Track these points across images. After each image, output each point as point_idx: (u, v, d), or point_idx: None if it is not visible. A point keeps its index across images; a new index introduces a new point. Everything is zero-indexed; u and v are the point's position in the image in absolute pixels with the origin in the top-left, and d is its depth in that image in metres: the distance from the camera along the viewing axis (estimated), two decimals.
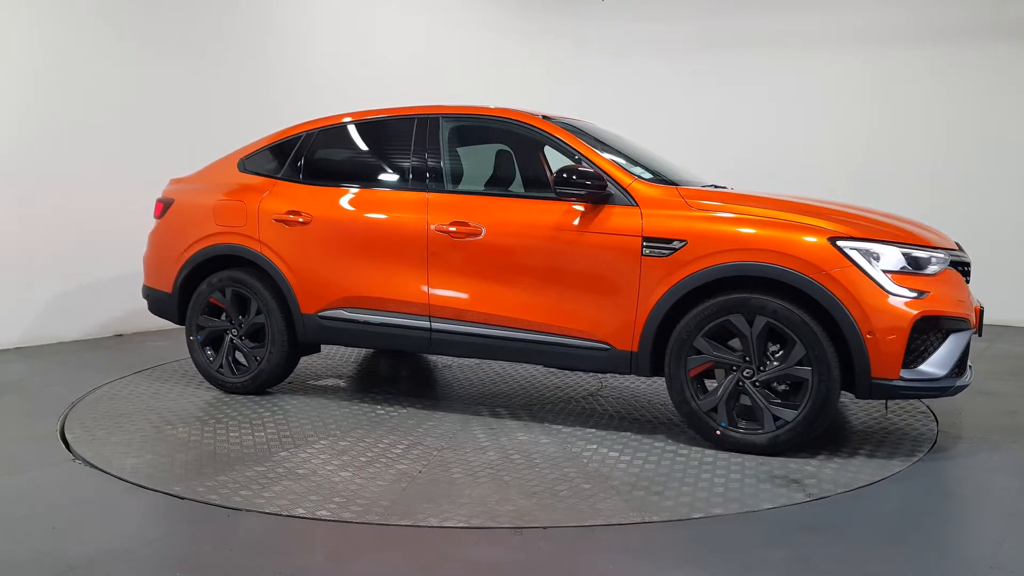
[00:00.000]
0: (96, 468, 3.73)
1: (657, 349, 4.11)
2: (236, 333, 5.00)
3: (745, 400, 4.00)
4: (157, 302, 5.34)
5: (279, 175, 5.04)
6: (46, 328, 6.55)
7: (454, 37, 9.44)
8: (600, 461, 3.88)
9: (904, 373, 3.78)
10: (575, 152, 4.39)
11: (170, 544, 3.02)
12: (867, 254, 3.85)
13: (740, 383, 3.97)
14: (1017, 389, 5.52)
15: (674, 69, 9.85)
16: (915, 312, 3.76)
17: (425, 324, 4.56)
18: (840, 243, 3.86)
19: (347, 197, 4.82)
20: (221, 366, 5.03)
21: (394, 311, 4.62)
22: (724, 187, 4.80)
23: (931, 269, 3.92)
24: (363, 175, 5.04)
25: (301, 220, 4.80)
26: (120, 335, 6.92)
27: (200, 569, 2.80)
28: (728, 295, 3.94)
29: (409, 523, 3.13)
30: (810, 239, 3.88)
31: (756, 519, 3.25)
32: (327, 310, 4.76)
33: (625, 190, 4.20)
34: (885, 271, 3.82)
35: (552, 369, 5.75)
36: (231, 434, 4.24)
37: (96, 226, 6.72)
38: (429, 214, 4.54)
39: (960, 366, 3.93)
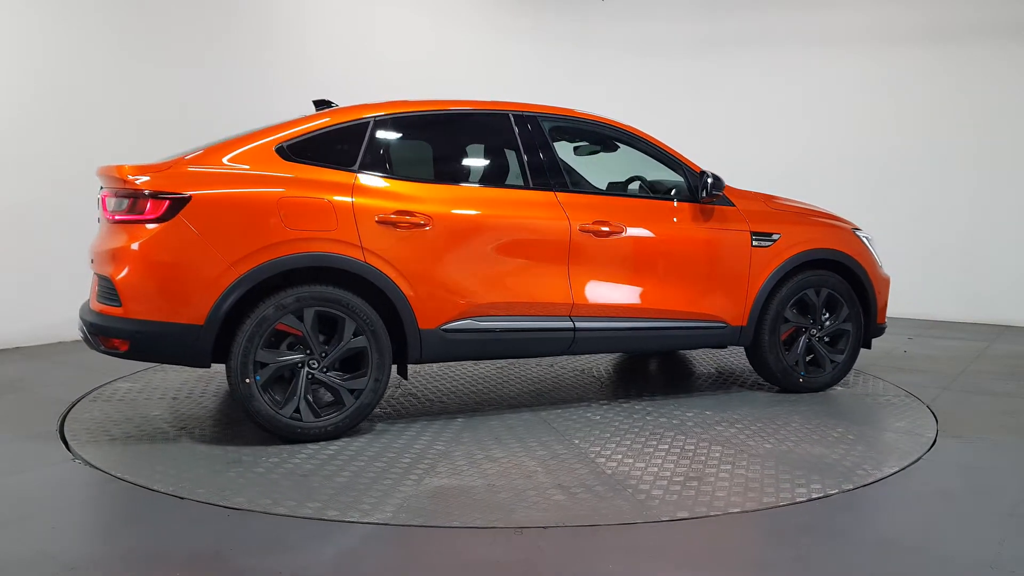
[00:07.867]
0: (96, 468, 3.73)
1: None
2: (318, 365, 4.10)
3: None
4: (166, 340, 3.93)
5: (354, 167, 4.24)
6: (46, 328, 6.55)
7: (453, 36, 9.43)
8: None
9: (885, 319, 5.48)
10: (675, 160, 4.95)
11: (170, 544, 3.02)
12: (866, 239, 5.37)
13: (808, 340, 5.18)
14: (1017, 389, 5.52)
15: (674, 69, 9.85)
16: (887, 276, 5.49)
17: (568, 324, 4.53)
18: (856, 232, 5.36)
19: (467, 196, 4.42)
20: (297, 410, 4.06)
21: (531, 315, 4.46)
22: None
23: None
24: (466, 171, 4.82)
25: (418, 222, 4.23)
26: None
27: (200, 569, 2.80)
28: (804, 274, 5.09)
29: (408, 523, 3.14)
30: (848, 229, 5.32)
31: (756, 519, 3.25)
32: (452, 322, 4.29)
33: (723, 193, 4.97)
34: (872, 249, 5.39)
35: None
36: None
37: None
38: (568, 214, 4.52)
39: None
